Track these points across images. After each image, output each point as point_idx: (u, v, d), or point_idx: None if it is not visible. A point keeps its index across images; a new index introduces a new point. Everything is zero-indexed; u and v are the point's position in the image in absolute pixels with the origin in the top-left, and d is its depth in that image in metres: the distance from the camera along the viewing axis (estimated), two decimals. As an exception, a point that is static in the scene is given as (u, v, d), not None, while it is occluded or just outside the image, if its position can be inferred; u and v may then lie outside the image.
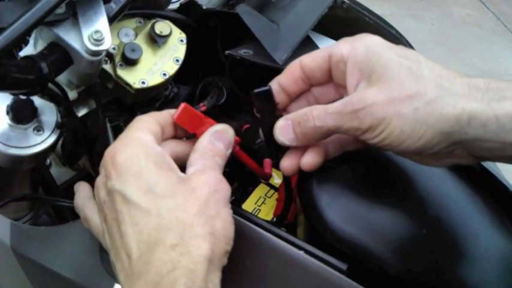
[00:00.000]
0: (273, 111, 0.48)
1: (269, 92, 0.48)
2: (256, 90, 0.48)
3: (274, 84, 0.48)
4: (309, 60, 0.47)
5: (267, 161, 0.56)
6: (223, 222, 0.41)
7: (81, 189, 0.52)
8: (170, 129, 0.46)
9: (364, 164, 0.52)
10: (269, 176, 0.55)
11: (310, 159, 0.47)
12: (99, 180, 0.43)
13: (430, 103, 0.40)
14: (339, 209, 0.49)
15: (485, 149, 0.41)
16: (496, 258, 0.49)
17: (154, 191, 0.40)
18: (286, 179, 0.59)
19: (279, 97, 0.48)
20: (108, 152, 0.42)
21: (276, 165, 0.51)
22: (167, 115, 0.46)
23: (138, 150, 0.41)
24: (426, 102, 0.40)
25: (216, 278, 0.39)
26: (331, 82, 0.48)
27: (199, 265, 0.38)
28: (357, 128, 0.42)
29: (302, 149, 0.48)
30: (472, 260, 0.48)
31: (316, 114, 0.44)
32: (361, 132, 0.43)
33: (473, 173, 0.53)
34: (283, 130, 0.46)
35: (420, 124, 0.40)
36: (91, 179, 0.71)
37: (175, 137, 0.47)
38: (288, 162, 0.47)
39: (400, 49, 0.44)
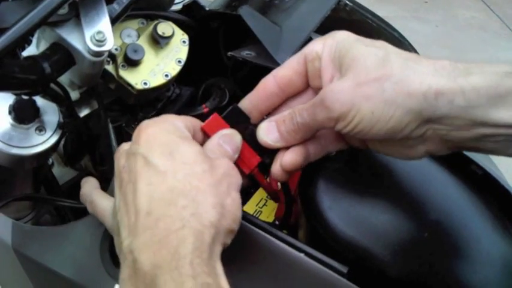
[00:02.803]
0: (247, 122, 0.49)
1: (235, 109, 0.48)
2: (223, 114, 0.48)
3: (246, 102, 0.49)
4: (284, 70, 0.48)
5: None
6: (233, 201, 0.42)
7: (89, 181, 0.53)
8: (199, 137, 0.47)
9: (366, 167, 0.52)
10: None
11: (289, 158, 0.47)
12: (121, 150, 0.45)
13: (397, 83, 0.41)
14: (340, 211, 0.49)
15: (455, 128, 0.41)
16: (498, 262, 0.49)
17: (175, 157, 0.41)
18: (284, 184, 0.59)
19: (251, 115, 0.49)
20: (141, 124, 0.44)
21: None
22: (199, 123, 0.48)
23: (169, 127, 0.43)
24: (394, 82, 0.41)
25: (219, 250, 0.40)
26: (308, 90, 0.49)
27: (207, 229, 0.39)
28: (329, 117, 0.43)
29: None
30: (474, 264, 0.48)
31: (297, 111, 0.46)
32: (334, 122, 0.43)
33: (475, 177, 0.53)
34: (267, 130, 0.47)
35: (389, 104, 0.41)
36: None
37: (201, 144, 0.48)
38: (277, 168, 0.47)
39: (367, 40, 0.45)
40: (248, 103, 0.49)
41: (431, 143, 0.43)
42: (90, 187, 0.52)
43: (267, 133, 0.47)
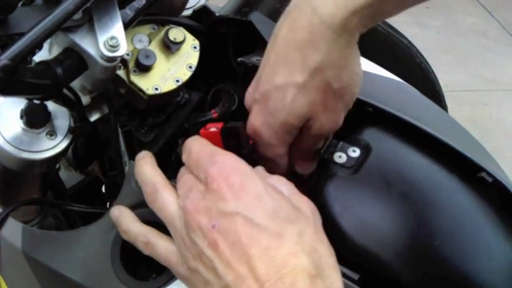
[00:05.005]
0: (241, 148, 0.47)
1: (239, 129, 0.47)
2: (224, 126, 0.47)
3: None
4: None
5: None
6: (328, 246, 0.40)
7: (127, 214, 0.48)
8: None
9: (376, 174, 0.52)
10: None
11: None
12: (195, 203, 0.40)
13: None
14: (351, 218, 0.49)
15: None
16: (508, 270, 0.49)
17: (279, 216, 0.39)
18: None
19: None
20: (217, 173, 0.40)
21: None
22: None
23: (248, 171, 0.41)
24: None
25: None
26: None
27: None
28: None
29: None
30: (484, 272, 0.48)
31: None
32: None
33: (485, 185, 0.53)
34: None
35: None
36: (99, 183, 0.72)
37: None
38: None
39: None
40: None
41: None
42: (134, 224, 0.47)
43: None
